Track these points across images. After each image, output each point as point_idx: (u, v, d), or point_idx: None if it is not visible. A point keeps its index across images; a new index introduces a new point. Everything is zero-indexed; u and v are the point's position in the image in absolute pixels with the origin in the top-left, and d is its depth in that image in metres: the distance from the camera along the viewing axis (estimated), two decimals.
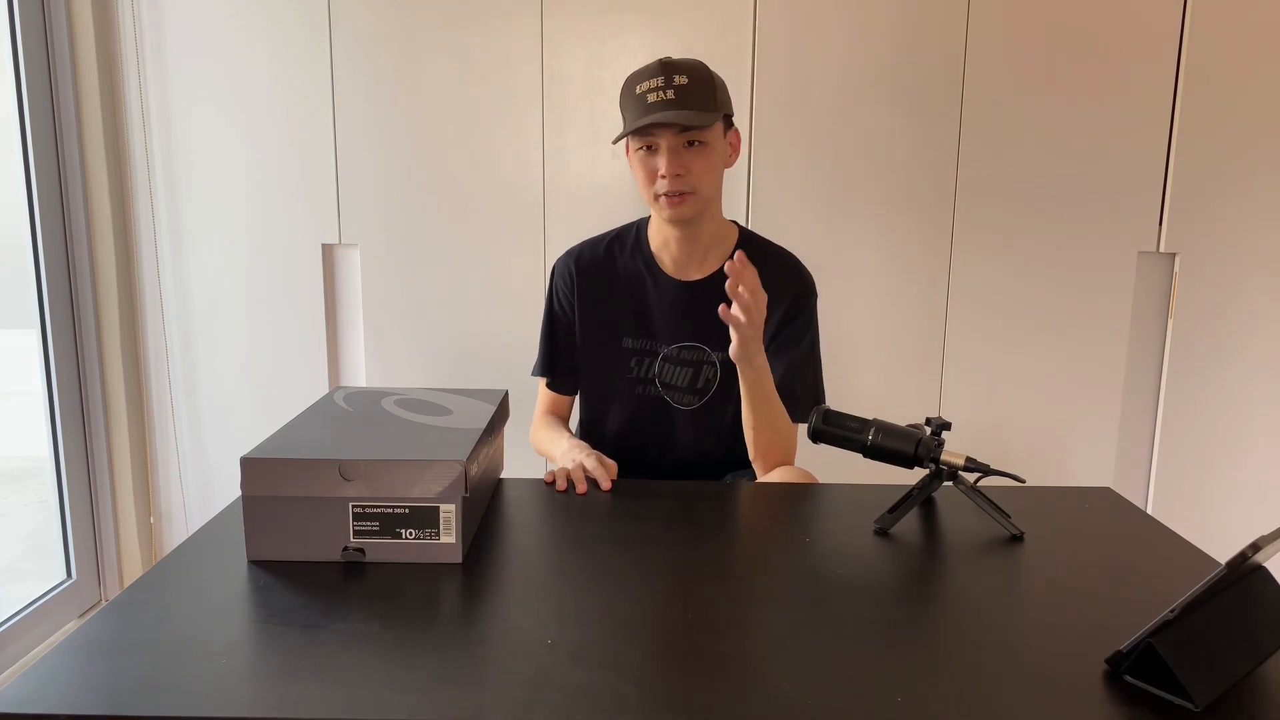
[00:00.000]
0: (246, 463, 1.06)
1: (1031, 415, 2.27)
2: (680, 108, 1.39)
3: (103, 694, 0.78)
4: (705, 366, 1.55)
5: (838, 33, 2.14)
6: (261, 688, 0.81)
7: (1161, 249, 2.20)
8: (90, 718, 0.76)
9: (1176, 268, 2.21)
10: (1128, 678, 0.82)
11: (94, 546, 2.34)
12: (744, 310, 1.30)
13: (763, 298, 1.34)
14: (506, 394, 1.41)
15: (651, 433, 1.60)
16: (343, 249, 2.32)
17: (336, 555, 1.06)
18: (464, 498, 1.06)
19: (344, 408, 1.30)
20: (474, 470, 1.11)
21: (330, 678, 0.81)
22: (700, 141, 1.43)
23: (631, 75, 1.46)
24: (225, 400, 2.38)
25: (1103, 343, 2.24)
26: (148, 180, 2.29)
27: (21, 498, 3.45)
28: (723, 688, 0.81)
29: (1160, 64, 2.13)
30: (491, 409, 1.30)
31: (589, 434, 1.65)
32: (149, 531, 2.44)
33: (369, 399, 1.34)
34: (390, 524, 1.06)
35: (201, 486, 2.43)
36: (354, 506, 1.06)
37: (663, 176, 1.42)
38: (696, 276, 1.55)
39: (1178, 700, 0.78)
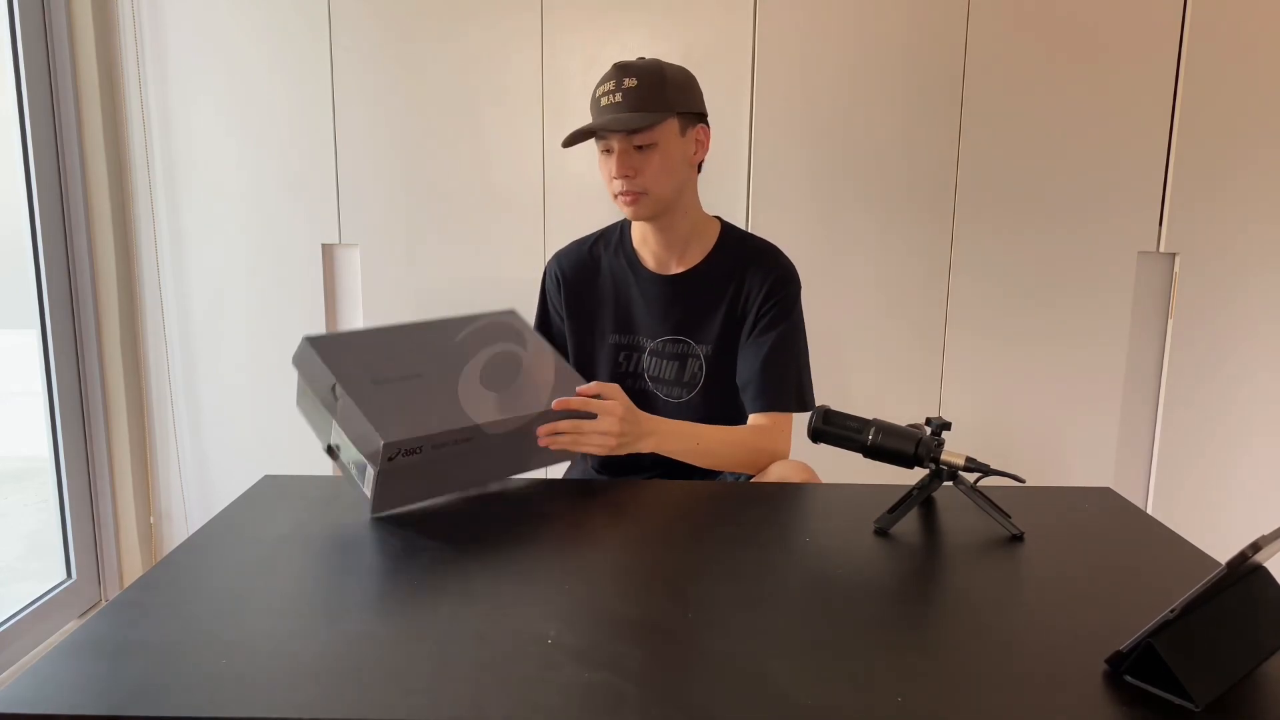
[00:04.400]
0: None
1: (1031, 415, 2.27)
2: (626, 110, 1.43)
3: (103, 694, 0.78)
4: (690, 360, 1.57)
5: (838, 33, 2.14)
6: (261, 688, 0.81)
7: (1161, 249, 2.20)
8: (90, 718, 0.76)
9: (1176, 268, 2.21)
10: (1128, 678, 0.82)
11: (94, 546, 2.34)
12: (578, 440, 1.33)
13: (596, 424, 1.33)
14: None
15: None
16: (343, 249, 2.32)
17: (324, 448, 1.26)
18: (383, 468, 1.14)
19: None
20: (412, 453, 1.17)
21: (330, 678, 0.81)
22: (649, 144, 1.45)
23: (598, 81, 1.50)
24: (225, 400, 2.38)
25: (1103, 342, 2.24)
26: (148, 180, 2.29)
27: (22, 498, 3.46)
28: (723, 688, 0.81)
29: (1160, 64, 2.13)
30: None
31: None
32: (149, 531, 2.44)
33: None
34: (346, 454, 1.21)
35: (201, 486, 2.43)
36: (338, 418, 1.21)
37: (615, 177, 1.46)
38: (677, 270, 1.57)
39: (1178, 700, 0.78)
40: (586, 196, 2.22)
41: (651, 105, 1.44)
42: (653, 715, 0.76)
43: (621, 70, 1.45)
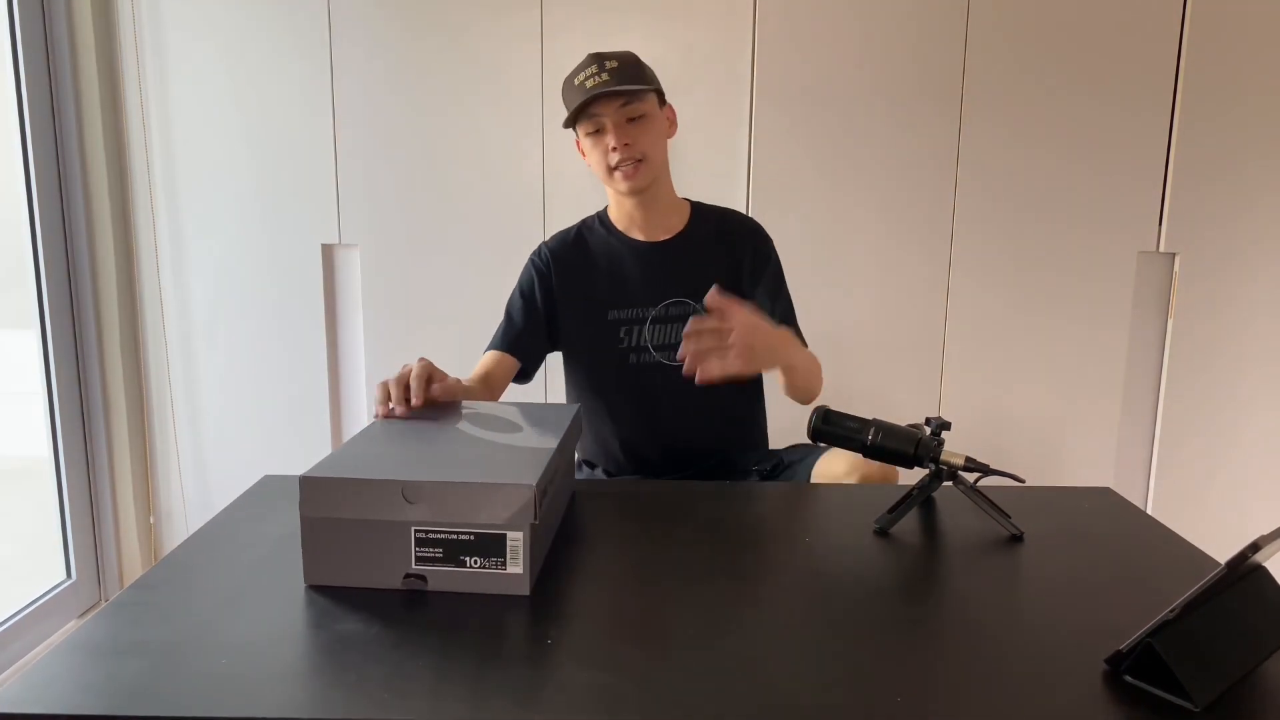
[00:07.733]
0: (305, 481, 0.98)
1: (1031, 415, 2.27)
2: (616, 85, 1.51)
3: (103, 694, 0.78)
4: (695, 320, 1.56)
5: (837, 32, 2.14)
6: (261, 688, 0.81)
7: (1161, 249, 2.20)
8: (90, 718, 0.76)
9: (1176, 268, 2.21)
10: (1128, 678, 0.82)
11: (94, 546, 2.34)
12: (738, 355, 1.27)
13: (746, 325, 1.29)
14: (579, 409, 1.34)
15: (655, 403, 1.61)
16: (343, 249, 2.32)
17: (398, 583, 0.98)
18: (532, 524, 0.98)
19: (407, 424, 1.22)
20: (545, 494, 1.02)
21: (330, 678, 0.81)
22: (641, 115, 1.53)
23: (568, 75, 1.56)
24: (225, 400, 2.38)
25: (1103, 342, 2.24)
26: (148, 180, 2.29)
27: (22, 498, 3.45)
28: (723, 688, 0.81)
29: (1160, 64, 2.13)
30: (565, 425, 1.22)
31: (594, 420, 1.67)
32: (149, 531, 2.44)
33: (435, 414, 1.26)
34: (455, 551, 0.98)
35: (201, 486, 2.43)
36: (417, 531, 0.98)
37: (613, 149, 1.52)
38: (664, 237, 1.64)
39: (1178, 700, 0.78)
40: (586, 197, 2.22)
41: (636, 81, 1.54)
42: (653, 715, 0.76)
43: (600, 56, 1.54)
